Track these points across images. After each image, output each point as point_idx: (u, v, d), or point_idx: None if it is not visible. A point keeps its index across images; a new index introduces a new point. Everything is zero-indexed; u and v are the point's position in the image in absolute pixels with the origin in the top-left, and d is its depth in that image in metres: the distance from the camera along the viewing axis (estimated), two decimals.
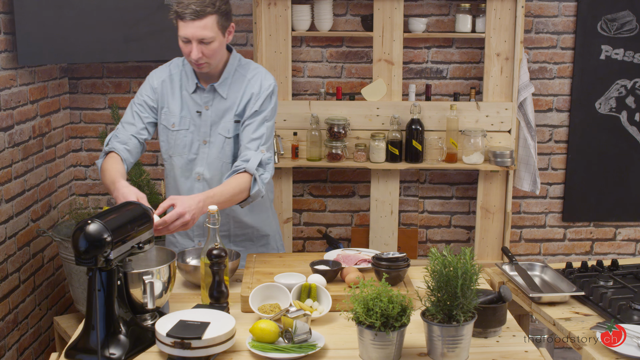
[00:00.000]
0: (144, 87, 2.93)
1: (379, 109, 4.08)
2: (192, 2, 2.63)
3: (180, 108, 2.87)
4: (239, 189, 2.70)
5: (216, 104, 2.85)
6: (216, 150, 2.87)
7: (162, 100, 2.89)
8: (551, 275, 2.76)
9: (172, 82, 2.89)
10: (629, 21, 4.11)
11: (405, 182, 4.35)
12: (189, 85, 2.87)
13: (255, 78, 2.86)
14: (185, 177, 2.93)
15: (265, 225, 3.07)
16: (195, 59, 2.70)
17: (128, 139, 2.85)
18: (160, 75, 2.92)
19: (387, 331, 2.06)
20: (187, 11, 2.63)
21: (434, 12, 4.14)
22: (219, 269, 2.35)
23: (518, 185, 4.16)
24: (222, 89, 2.83)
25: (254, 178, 2.73)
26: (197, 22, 2.64)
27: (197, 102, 2.86)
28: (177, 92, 2.88)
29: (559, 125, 4.29)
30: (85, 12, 3.68)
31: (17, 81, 3.57)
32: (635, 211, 4.35)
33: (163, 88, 2.89)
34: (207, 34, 2.66)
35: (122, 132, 2.87)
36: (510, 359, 2.15)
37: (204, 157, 2.88)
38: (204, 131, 2.87)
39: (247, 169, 2.73)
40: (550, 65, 4.22)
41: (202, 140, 2.88)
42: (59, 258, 4.07)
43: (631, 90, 4.20)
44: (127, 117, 2.92)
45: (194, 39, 2.66)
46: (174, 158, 2.93)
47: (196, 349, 2.05)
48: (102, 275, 2.10)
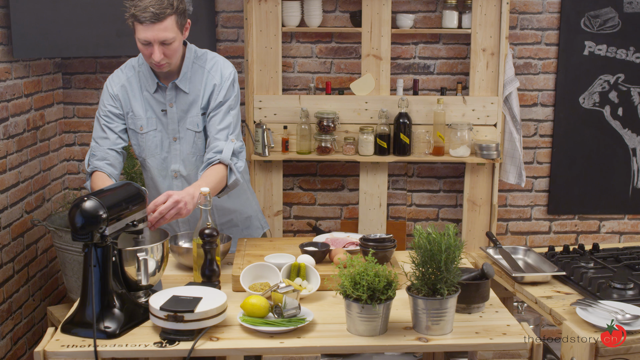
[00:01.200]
0: (104, 97, 2.90)
1: (367, 103, 4.16)
2: (149, 4, 2.59)
3: (145, 110, 2.87)
4: (217, 179, 2.73)
5: (180, 100, 2.85)
6: (188, 145, 2.89)
7: (125, 106, 2.88)
8: (534, 258, 2.84)
9: (130, 85, 2.87)
10: (611, 17, 4.21)
11: (393, 176, 4.43)
12: (149, 86, 2.85)
13: (215, 68, 2.86)
14: (162, 176, 2.95)
15: (246, 207, 3.13)
16: (158, 61, 2.69)
17: (106, 154, 2.85)
18: (117, 81, 2.90)
19: (373, 304, 2.13)
20: (146, 14, 2.59)
21: (421, 9, 4.23)
22: (211, 248, 2.42)
23: (504, 178, 4.25)
24: (183, 84, 2.83)
25: (230, 168, 2.78)
26: (158, 25, 2.61)
27: (161, 100, 2.86)
28: (138, 94, 2.87)
29: (543, 120, 4.38)
30: (79, 7, 3.76)
31: (12, 74, 3.63)
32: (619, 204, 4.44)
33: (123, 93, 2.87)
34: (168, 35, 2.64)
35: (98, 149, 2.86)
36: (492, 332, 2.22)
37: (177, 154, 2.90)
38: (172, 128, 2.87)
39: (221, 160, 2.77)
40: (535, 60, 4.32)
41: (172, 138, 2.88)
42: (52, 250, 4.12)
43: (614, 85, 4.29)
44: (97, 132, 2.89)
45: (156, 42, 2.64)
46: (148, 160, 2.94)
47: (189, 322, 2.12)
48: (97, 251, 2.16)
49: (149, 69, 2.84)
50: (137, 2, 2.62)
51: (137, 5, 2.62)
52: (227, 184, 2.80)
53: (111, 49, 3.90)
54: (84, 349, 2.08)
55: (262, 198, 4.23)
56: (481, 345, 2.16)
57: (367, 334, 2.17)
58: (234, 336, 2.17)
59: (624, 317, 2.27)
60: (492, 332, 2.22)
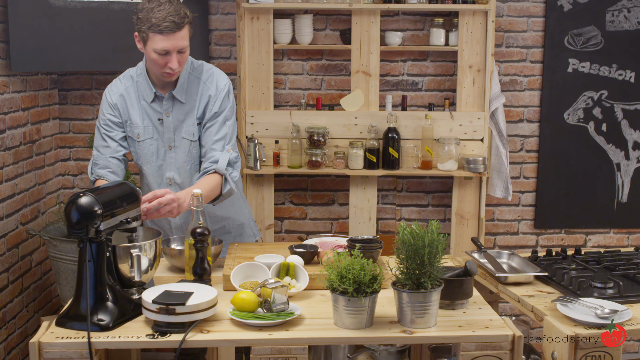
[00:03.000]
0: (103, 107, 2.99)
1: (357, 119, 4.26)
2: (169, 14, 2.70)
3: (142, 118, 2.95)
4: (212, 187, 2.83)
5: (176, 110, 2.94)
6: (183, 154, 2.97)
7: (124, 114, 2.96)
8: (518, 261, 2.91)
9: (128, 94, 2.96)
10: (594, 36, 4.34)
11: (383, 191, 4.51)
12: (146, 95, 2.94)
13: (210, 79, 2.96)
14: (157, 183, 3.02)
15: (239, 214, 3.21)
16: (175, 69, 2.79)
17: (108, 162, 2.94)
18: (116, 90, 2.98)
19: (359, 297, 2.20)
20: (167, 24, 2.69)
21: (409, 27, 4.35)
22: (202, 247, 2.49)
23: (491, 192, 4.33)
24: (180, 95, 2.92)
25: (225, 178, 2.88)
26: (177, 34, 2.73)
27: (157, 109, 2.94)
28: (136, 103, 2.96)
29: (529, 135, 4.48)
30: (76, 23, 3.86)
31: (9, 88, 3.72)
32: (604, 218, 4.53)
33: (122, 102, 2.96)
34: (185, 43, 2.77)
35: (100, 157, 2.96)
36: (475, 326, 2.29)
37: (172, 162, 2.99)
38: (167, 137, 2.96)
39: (217, 170, 2.86)
40: (520, 77, 4.43)
41: (167, 146, 2.97)
42: (47, 263, 4.18)
43: (597, 101, 4.40)
44: (98, 141, 2.99)
45: (175, 50, 2.75)
46: (144, 167, 3.02)
47: (180, 315, 2.18)
48: (92, 246, 2.23)
49: (146, 79, 2.93)
50: (152, 14, 2.71)
51: (154, 16, 2.70)
52: (222, 193, 2.89)
53: (107, 64, 4.00)
54: (78, 340, 2.14)
55: (254, 212, 4.30)
56: (464, 337, 2.22)
57: (354, 326, 2.24)
58: (224, 329, 2.24)
59: (603, 312, 2.34)
60: (474, 326, 2.29)
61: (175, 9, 2.72)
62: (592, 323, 2.30)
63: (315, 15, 4.31)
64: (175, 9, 2.72)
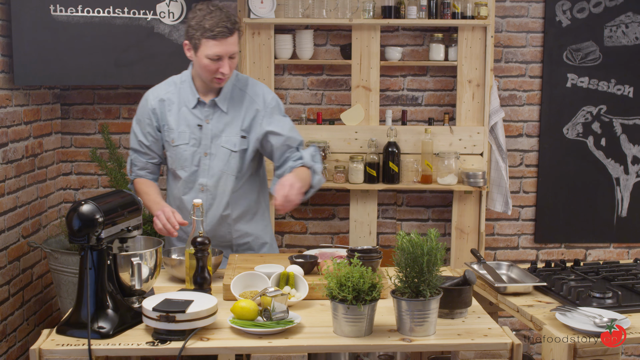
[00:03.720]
0: (142, 111, 3.09)
1: (357, 133, 4.28)
2: (221, 20, 2.81)
3: (178, 124, 3.03)
4: (305, 175, 2.96)
5: (217, 118, 3.01)
6: (220, 162, 3.03)
7: (162, 118, 3.05)
8: (517, 273, 2.92)
9: (169, 100, 3.05)
10: (592, 51, 4.37)
11: (383, 205, 4.53)
12: (188, 101, 3.02)
13: (256, 94, 3.05)
14: (189, 187, 3.07)
15: (264, 233, 3.25)
16: (226, 73, 2.88)
17: (145, 165, 3.12)
18: (157, 95, 3.07)
19: (358, 305, 2.21)
20: (219, 29, 2.80)
21: (409, 43, 4.39)
22: (203, 256, 2.50)
23: (491, 207, 4.35)
24: (222, 103, 3.00)
25: (313, 169, 3.01)
26: (230, 39, 2.84)
27: (198, 116, 3.02)
28: (175, 108, 3.03)
29: (529, 150, 4.51)
30: (79, 37, 3.90)
31: (12, 101, 3.75)
32: (604, 232, 4.54)
33: (162, 107, 3.05)
34: (235, 49, 2.88)
35: (137, 159, 3.12)
36: (474, 334, 2.29)
37: (206, 169, 3.04)
38: (204, 144, 3.02)
39: (304, 164, 3.00)
40: (519, 92, 4.46)
41: (203, 153, 3.03)
42: (48, 276, 4.19)
43: (596, 116, 4.43)
44: (135, 144, 3.11)
45: (226, 55, 2.85)
46: (178, 171, 3.07)
47: (180, 322, 2.19)
48: (93, 254, 2.25)
49: (190, 86, 3.02)
50: (205, 20, 2.82)
51: (207, 22, 2.81)
52: (312, 184, 3.00)
53: (109, 78, 4.03)
54: (78, 347, 2.15)
55: None
56: (463, 345, 2.23)
57: (353, 334, 2.24)
58: (224, 337, 2.24)
59: (602, 321, 2.35)
60: (473, 334, 2.29)
61: (227, 15, 2.84)
62: (591, 331, 2.31)
63: (316, 30, 4.35)
64: (227, 15, 2.84)
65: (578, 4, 4.34)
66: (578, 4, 4.34)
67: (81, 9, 3.88)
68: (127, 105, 4.42)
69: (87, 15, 3.89)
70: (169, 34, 4.09)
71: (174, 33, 4.10)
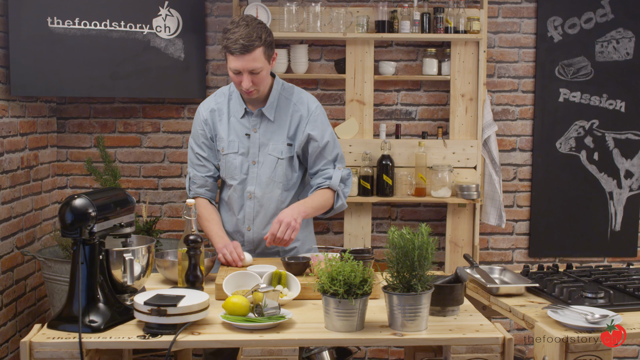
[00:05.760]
0: (196, 123, 3.18)
1: (351, 146, 4.31)
2: (240, 37, 2.84)
3: (228, 133, 3.10)
4: (324, 200, 3.04)
5: (264, 127, 3.08)
6: (267, 170, 3.09)
7: (213, 129, 3.13)
8: (510, 276, 2.92)
9: (219, 110, 3.13)
10: (584, 66, 4.42)
11: (377, 219, 4.54)
12: (237, 112, 3.10)
13: (300, 102, 3.12)
14: (238, 195, 3.14)
15: (309, 240, 3.31)
16: (246, 89, 2.93)
17: (205, 181, 3.16)
18: (207, 106, 3.17)
19: (350, 299, 2.21)
20: (236, 46, 2.85)
21: (402, 58, 4.44)
22: (195, 254, 2.51)
23: (484, 220, 4.36)
24: (269, 113, 3.07)
25: (337, 193, 3.06)
26: (247, 56, 2.87)
27: (246, 125, 3.09)
28: (225, 118, 3.11)
29: (522, 164, 4.53)
30: (75, 50, 3.93)
31: (8, 112, 3.77)
32: (598, 246, 4.54)
33: (212, 117, 3.13)
34: (256, 65, 2.89)
35: (197, 176, 3.16)
36: (465, 330, 2.30)
37: (254, 177, 3.10)
38: (252, 152, 3.09)
39: (330, 186, 3.06)
40: (512, 107, 4.50)
41: (252, 161, 3.09)
42: (42, 288, 4.18)
43: (589, 130, 4.46)
44: (192, 159, 3.18)
45: (245, 71, 2.90)
46: (228, 180, 3.14)
47: (171, 316, 2.19)
48: (85, 249, 2.26)
49: (239, 96, 3.10)
50: (230, 34, 2.87)
51: (229, 37, 2.87)
52: (334, 207, 3.07)
53: (105, 90, 4.06)
54: (69, 340, 2.15)
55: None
56: (454, 340, 2.23)
57: (344, 329, 2.25)
58: (215, 331, 2.24)
59: (593, 317, 2.36)
60: (465, 330, 2.30)
61: (248, 32, 2.85)
62: (583, 327, 2.31)
63: (311, 45, 4.39)
64: (248, 32, 2.85)
65: (569, 20, 4.40)
66: (569, 20, 4.40)
67: (78, 22, 3.92)
68: (122, 119, 4.45)
69: (84, 28, 3.94)
70: (164, 48, 4.13)
71: (170, 47, 4.15)
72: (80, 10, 3.92)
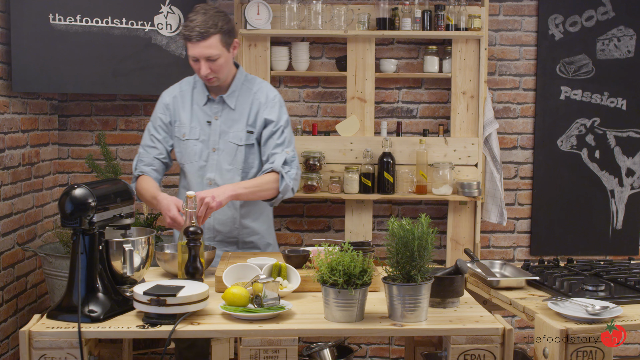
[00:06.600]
0: (157, 107, 3.22)
1: (352, 144, 4.31)
2: (197, 25, 2.93)
3: (190, 119, 3.15)
4: (266, 181, 3.02)
5: (225, 115, 3.13)
6: (227, 157, 3.12)
7: (174, 115, 3.18)
8: (510, 270, 2.92)
9: (182, 97, 3.18)
10: (585, 64, 4.42)
11: (378, 217, 4.53)
12: (200, 99, 3.15)
13: (260, 91, 3.17)
14: (197, 182, 3.17)
15: (269, 234, 3.33)
16: (204, 75, 3.00)
17: (152, 160, 3.17)
18: (171, 92, 3.23)
19: (349, 289, 2.21)
20: (193, 34, 2.93)
21: (403, 55, 4.44)
22: (195, 245, 2.51)
23: (485, 218, 4.36)
24: (230, 100, 3.12)
25: (281, 175, 3.03)
26: (203, 43, 2.94)
27: (207, 113, 3.14)
28: (188, 105, 3.16)
29: (523, 162, 4.53)
30: (77, 47, 3.94)
31: (10, 108, 3.78)
32: (600, 245, 4.54)
33: (175, 103, 3.18)
34: (212, 52, 2.96)
35: (145, 155, 3.17)
36: (466, 321, 2.29)
37: (214, 164, 3.13)
38: (213, 140, 3.13)
39: (273, 168, 3.04)
40: (513, 105, 4.50)
41: (212, 148, 3.13)
42: (42, 286, 4.18)
43: (590, 128, 4.46)
44: (146, 140, 3.21)
45: (202, 58, 2.96)
46: (186, 165, 3.18)
47: (171, 306, 2.19)
48: (85, 239, 2.26)
49: (202, 86, 3.15)
50: (187, 22, 2.96)
51: (187, 25, 2.96)
52: (280, 190, 3.05)
53: (106, 87, 4.07)
54: (68, 330, 2.14)
55: None
56: (454, 330, 2.22)
57: (344, 320, 2.24)
58: (215, 322, 2.24)
59: (594, 309, 2.35)
60: (465, 321, 2.29)
61: (204, 20, 2.93)
62: (583, 318, 2.31)
63: (312, 43, 4.40)
64: (204, 20, 2.93)
65: (570, 18, 4.40)
66: (570, 17, 4.40)
67: (80, 19, 3.93)
68: (124, 117, 4.45)
69: (86, 24, 3.94)
70: (166, 45, 4.14)
71: (171, 44, 4.15)
72: (81, 7, 3.93)
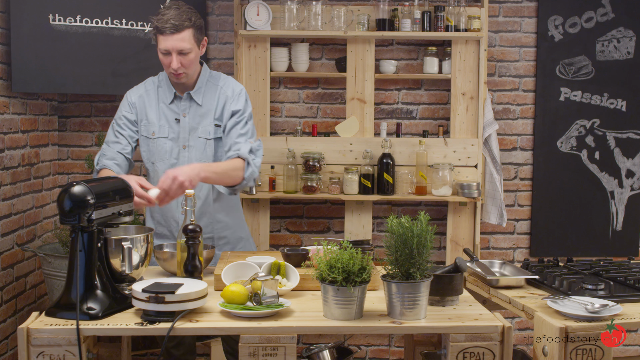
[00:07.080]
0: (122, 105, 3.19)
1: (352, 145, 4.31)
2: (171, 17, 2.94)
3: (158, 118, 3.13)
4: (233, 167, 2.98)
5: (193, 111, 3.12)
6: (197, 153, 3.11)
7: (141, 113, 3.16)
8: (510, 269, 2.91)
9: (148, 96, 3.17)
10: (585, 65, 4.42)
11: (378, 218, 4.53)
12: (166, 98, 3.14)
13: (226, 85, 3.18)
14: None
15: (240, 228, 3.30)
16: (175, 69, 2.99)
17: (115, 155, 3.10)
18: (136, 92, 3.21)
19: (348, 286, 2.20)
20: (167, 26, 2.94)
21: (403, 57, 4.44)
22: (194, 243, 2.51)
23: (485, 219, 4.35)
24: (197, 97, 3.12)
25: (247, 162, 3.02)
26: (176, 35, 2.95)
27: (175, 110, 3.13)
28: (154, 104, 3.15)
29: (523, 164, 4.53)
30: (77, 47, 3.94)
31: (9, 109, 3.78)
32: (600, 246, 4.53)
33: (141, 102, 3.16)
34: (185, 45, 2.97)
35: (108, 150, 3.12)
36: (465, 318, 2.29)
37: (185, 161, 3.11)
38: (183, 137, 3.12)
39: (239, 155, 3.02)
40: (513, 106, 4.50)
41: (182, 146, 3.12)
42: (42, 286, 4.17)
43: (590, 130, 4.46)
44: (110, 137, 3.17)
45: (174, 51, 2.97)
46: (157, 164, 3.15)
47: (169, 303, 2.19)
48: (83, 236, 2.25)
49: (168, 84, 3.14)
50: (160, 16, 2.97)
51: (160, 18, 2.97)
52: (244, 176, 3.02)
53: (106, 87, 4.07)
54: (67, 327, 2.14)
55: None
56: (453, 328, 2.22)
57: (343, 317, 2.24)
58: (214, 319, 2.24)
59: (594, 307, 2.35)
60: (464, 319, 2.29)
61: (179, 14, 2.95)
62: (582, 316, 2.30)
63: (312, 44, 4.40)
64: (179, 14, 2.95)
65: (570, 19, 4.40)
66: (570, 19, 4.40)
67: (80, 19, 3.93)
68: None
69: (86, 25, 3.95)
70: None
71: None
72: (81, 7, 3.93)
